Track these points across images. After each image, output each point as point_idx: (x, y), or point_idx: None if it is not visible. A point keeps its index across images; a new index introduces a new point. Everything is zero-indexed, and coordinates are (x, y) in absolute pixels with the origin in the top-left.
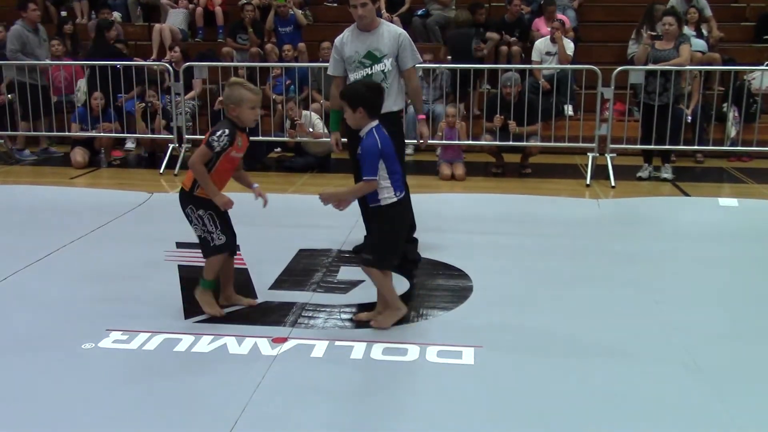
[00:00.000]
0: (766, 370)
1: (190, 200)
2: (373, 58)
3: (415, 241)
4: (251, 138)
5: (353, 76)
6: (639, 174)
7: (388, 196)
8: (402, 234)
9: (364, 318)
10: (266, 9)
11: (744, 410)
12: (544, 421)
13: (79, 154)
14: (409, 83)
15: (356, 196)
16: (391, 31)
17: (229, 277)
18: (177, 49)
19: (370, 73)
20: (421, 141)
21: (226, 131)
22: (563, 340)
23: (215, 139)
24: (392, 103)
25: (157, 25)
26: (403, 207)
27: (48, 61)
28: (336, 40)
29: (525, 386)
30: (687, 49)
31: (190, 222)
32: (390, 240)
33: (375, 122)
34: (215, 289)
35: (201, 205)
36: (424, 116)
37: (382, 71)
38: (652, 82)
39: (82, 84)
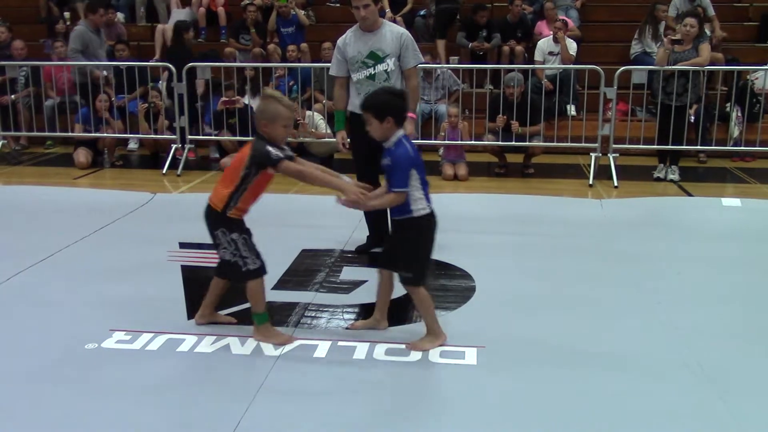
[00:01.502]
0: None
1: (221, 222)
2: (375, 58)
3: None
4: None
5: (356, 77)
6: (656, 174)
7: (421, 207)
8: (432, 246)
9: (360, 326)
10: (269, 9)
11: (747, 411)
12: (547, 421)
13: (82, 155)
14: (409, 82)
15: (384, 207)
16: (393, 31)
17: (215, 296)
18: None
19: (373, 73)
20: None
21: (270, 146)
22: (566, 341)
23: (273, 153)
24: None
25: (159, 26)
26: (434, 219)
27: (94, 62)
28: (338, 41)
29: (527, 387)
30: (707, 48)
31: (218, 245)
32: (425, 253)
33: (402, 131)
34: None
35: (235, 228)
36: (414, 116)
37: (385, 71)
38: (672, 82)
39: (162, 86)
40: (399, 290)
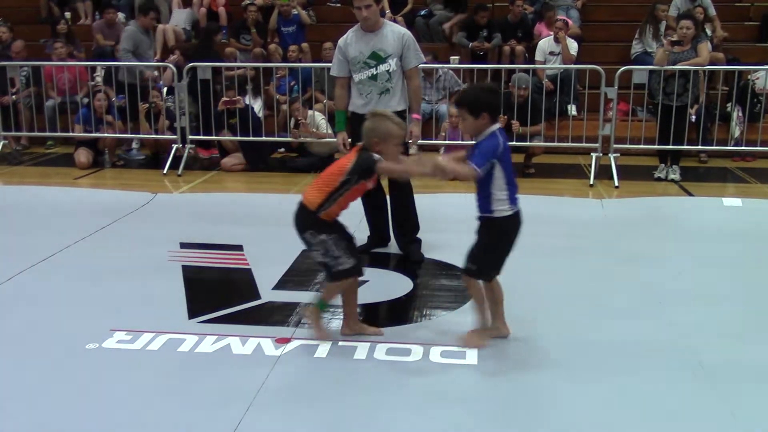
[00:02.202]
0: None
1: (311, 223)
2: (377, 58)
3: (419, 241)
4: (255, 138)
5: (357, 77)
6: (657, 174)
7: (502, 208)
8: (510, 248)
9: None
10: (269, 9)
11: (749, 411)
12: (547, 421)
13: (82, 155)
14: (411, 82)
15: (455, 174)
16: (394, 31)
17: (353, 305)
18: (176, 52)
19: (375, 73)
20: (410, 140)
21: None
22: (566, 340)
23: (377, 156)
24: (396, 102)
25: (160, 26)
26: (517, 222)
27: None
28: (339, 41)
29: (528, 386)
30: (705, 48)
31: (309, 247)
32: (497, 252)
33: (497, 125)
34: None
35: (323, 229)
36: (419, 117)
37: (387, 71)
38: (672, 83)
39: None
40: (397, 291)
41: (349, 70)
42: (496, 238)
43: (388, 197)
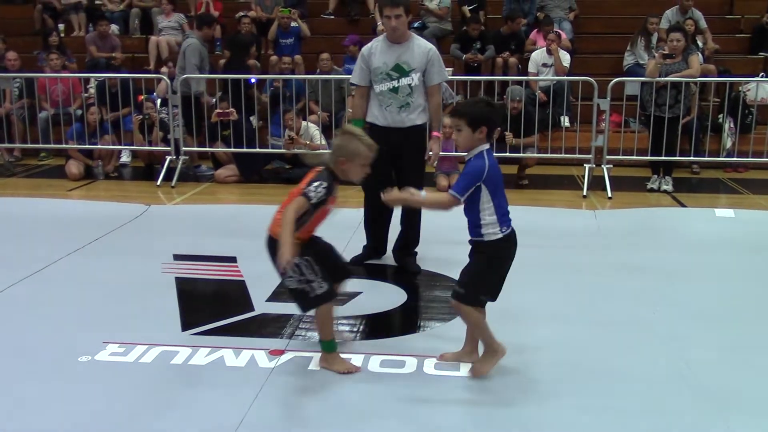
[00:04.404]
0: (764, 382)
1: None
2: (401, 71)
3: (415, 254)
4: (248, 150)
5: (378, 88)
6: (650, 185)
7: (492, 231)
8: (504, 271)
9: (450, 359)
10: (261, 22)
11: (742, 423)
12: None
13: (73, 166)
14: (432, 99)
15: (430, 206)
16: (420, 46)
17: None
18: (171, 64)
19: (396, 86)
20: (430, 155)
21: (324, 184)
22: (560, 352)
23: (312, 189)
24: (416, 117)
25: (153, 38)
26: (509, 243)
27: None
28: (363, 49)
29: (521, 398)
30: (696, 60)
31: (283, 274)
32: (487, 277)
33: (487, 145)
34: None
35: (297, 251)
36: (439, 134)
37: (409, 85)
38: (663, 94)
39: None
40: (392, 302)
41: (371, 79)
42: (487, 262)
43: (395, 209)
